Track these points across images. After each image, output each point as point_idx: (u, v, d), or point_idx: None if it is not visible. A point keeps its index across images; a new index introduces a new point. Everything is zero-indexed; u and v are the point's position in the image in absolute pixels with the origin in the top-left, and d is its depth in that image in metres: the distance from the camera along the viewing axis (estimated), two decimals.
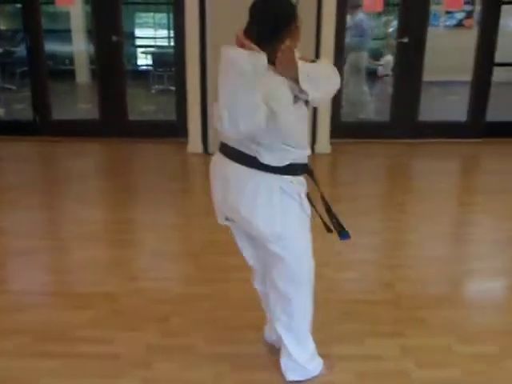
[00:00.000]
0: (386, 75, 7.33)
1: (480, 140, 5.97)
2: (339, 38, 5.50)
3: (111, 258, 3.35)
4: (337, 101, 5.73)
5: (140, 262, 3.36)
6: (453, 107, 7.34)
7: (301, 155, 2.05)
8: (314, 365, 2.28)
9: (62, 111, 6.48)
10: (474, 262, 3.41)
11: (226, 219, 2.17)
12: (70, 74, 9.52)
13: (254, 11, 1.89)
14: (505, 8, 5.73)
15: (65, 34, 9.62)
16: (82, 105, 8.21)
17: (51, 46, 8.31)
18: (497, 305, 2.92)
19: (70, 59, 9.86)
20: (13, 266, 3.30)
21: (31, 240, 3.55)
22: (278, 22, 1.88)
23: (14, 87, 8.60)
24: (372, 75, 7.36)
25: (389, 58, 7.33)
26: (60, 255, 3.43)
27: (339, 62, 5.59)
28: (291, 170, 2.02)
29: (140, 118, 6.77)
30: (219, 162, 2.09)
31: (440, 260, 3.38)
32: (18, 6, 6.14)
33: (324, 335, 2.43)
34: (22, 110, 7.14)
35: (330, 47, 5.35)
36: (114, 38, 5.74)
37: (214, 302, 2.82)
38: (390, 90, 7.18)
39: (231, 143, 2.01)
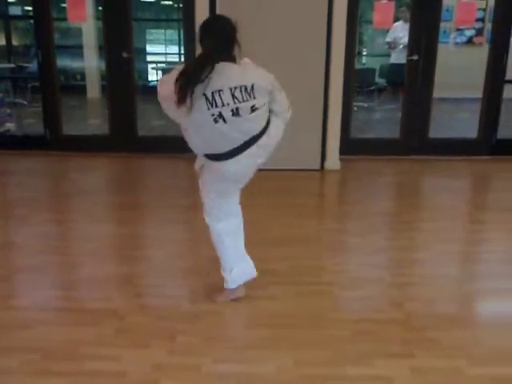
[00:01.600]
0: None
1: (489, 157, 5.95)
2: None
3: (119, 274, 3.32)
4: (346, 118, 5.73)
5: (147, 279, 3.33)
6: (463, 124, 7.30)
7: None
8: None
9: (72, 126, 6.52)
10: (485, 282, 3.35)
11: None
12: (81, 90, 9.61)
13: (208, 29, 2.45)
14: None
15: (77, 50, 9.74)
16: (93, 120, 8.27)
17: (63, 62, 8.40)
18: (510, 325, 2.86)
19: (82, 75, 9.97)
20: (20, 282, 3.29)
21: (39, 255, 3.55)
22: (230, 35, 2.46)
23: (25, 102, 8.69)
24: None
25: None
26: (67, 271, 3.41)
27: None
28: None
29: (149, 134, 6.80)
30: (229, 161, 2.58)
31: (450, 279, 3.33)
32: (31, 21, 6.22)
33: (332, 355, 2.40)
34: (33, 124, 7.21)
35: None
36: (125, 54, 5.80)
37: (222, 319, 2.79)
38: None
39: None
